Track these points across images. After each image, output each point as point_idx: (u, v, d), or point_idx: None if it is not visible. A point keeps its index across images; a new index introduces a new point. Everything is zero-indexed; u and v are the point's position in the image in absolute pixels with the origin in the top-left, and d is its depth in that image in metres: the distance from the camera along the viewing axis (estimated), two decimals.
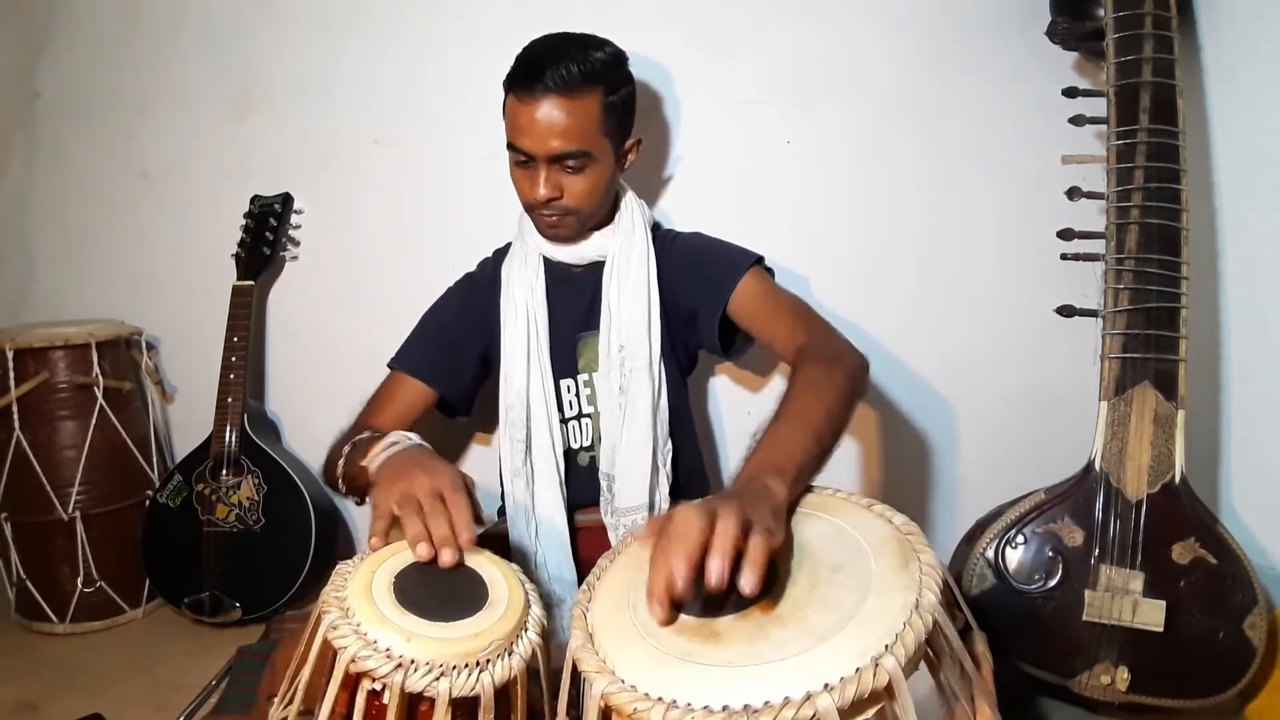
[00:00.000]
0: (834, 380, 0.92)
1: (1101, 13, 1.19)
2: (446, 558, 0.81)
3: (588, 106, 1.12)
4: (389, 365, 1.30)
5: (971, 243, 1.42)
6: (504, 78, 1.18)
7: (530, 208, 1.20)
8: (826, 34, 1.43)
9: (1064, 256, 1.22)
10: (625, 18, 1.45)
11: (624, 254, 1.23)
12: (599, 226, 1.24)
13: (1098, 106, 1.20)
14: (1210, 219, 1.29)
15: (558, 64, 1.10)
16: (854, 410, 0.93)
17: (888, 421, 1.48)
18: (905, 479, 1.49)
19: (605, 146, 1.16)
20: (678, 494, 1.23)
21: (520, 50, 1.18)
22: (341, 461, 1.08)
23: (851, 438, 1.50)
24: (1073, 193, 1.21)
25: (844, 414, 0.90)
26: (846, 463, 1.50)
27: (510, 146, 1.16)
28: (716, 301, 1.19)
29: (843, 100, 1.44)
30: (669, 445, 1.23)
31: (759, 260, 1.23)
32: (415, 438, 1.01)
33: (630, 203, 1.27)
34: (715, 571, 0.62)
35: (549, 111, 1.10)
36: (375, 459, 0.97)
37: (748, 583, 0.62)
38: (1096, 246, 1.19)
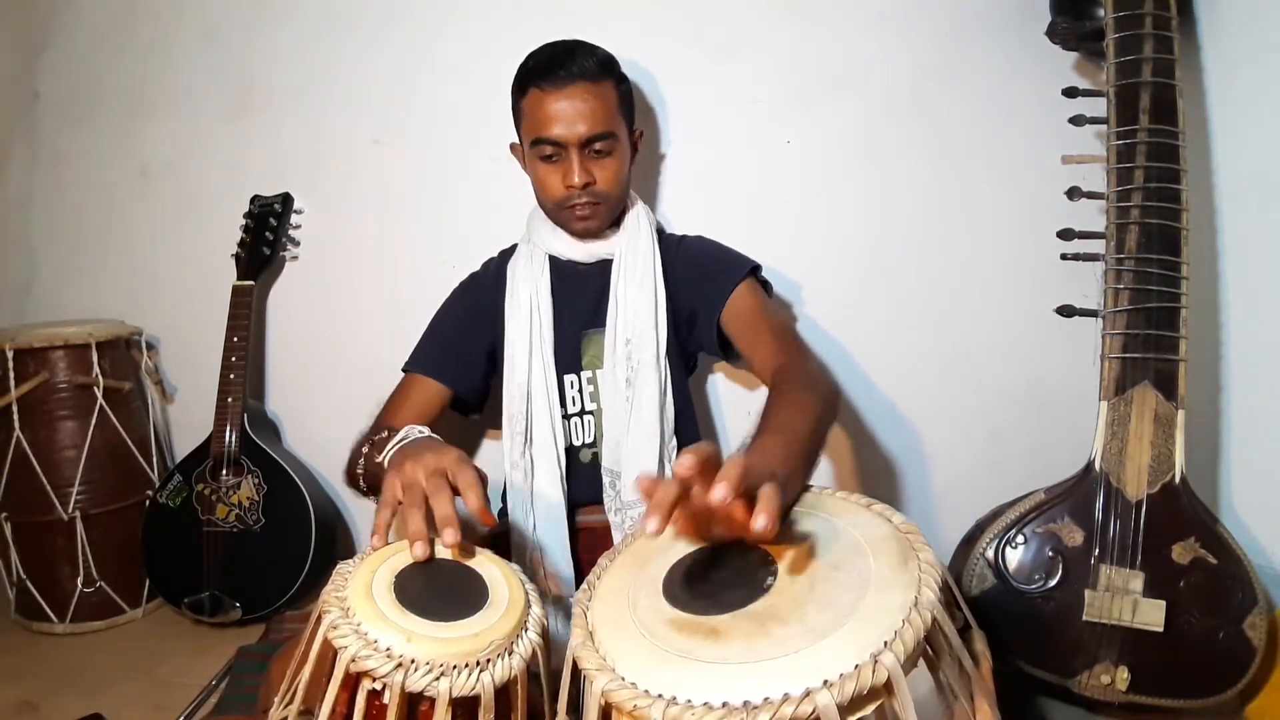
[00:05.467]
0: (814, 403, 0.94)
1: (1101, 13, 1.19)
2: (449, 538, 0.81)
3: (607, 91, 1.19)
4: (403, 369, 1.31)
5: (971, 242, 1.42)
6: (516, 80, 1.22)
7: (560, 204, 1.22)
8: (826, 34, 1.43)
9: (1064, 256, 1.22)
10: (625, 18, 1.46)
11: (631, 250, 1.26)
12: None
13: (1098, 106, 1.20)
14: (1210, 219, 1.29)
15: (575, 56, 1.17)
16: (828, 436, 0.94)
17: (887, 421, 1.48)
18: (905, 478, 1.49)
19: (624, 130, 1.23)
20: None
21: (525, 58, 1.22)
22: (361, 460, 1.09)
23: (852, 436, 1.50)
24: (1073, 193, 1.21)
25: (822, 437, 0.91)
26: (846, 462, 1.50)
27: (537, 142, 1.19)
28: (714, 306, 1.23)
29: (842, 100, 1.44)
30: (674, 441, 1.23)
31: (755, 269, 1.26)
32: (426, 430, 1.02)
33: (636, 204, 1.31)
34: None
35: (577, 96, 1.16)
36: (388, 453, 0.99)
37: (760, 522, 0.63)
38: (1096, 246, 1.19)
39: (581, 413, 1.29)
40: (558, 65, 1.16)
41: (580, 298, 1.29)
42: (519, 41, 1.25)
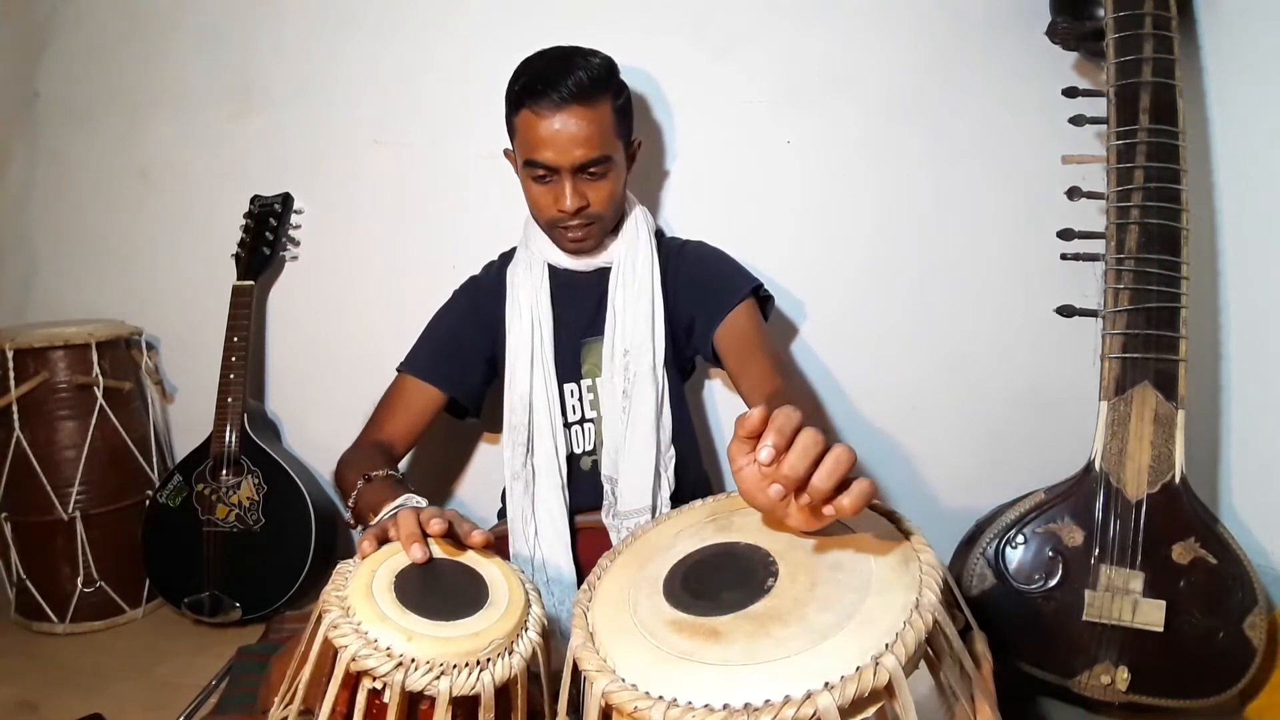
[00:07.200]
0: (821, 415, 0.92)
1: (1101, 13, 1.19)
2: (435, 528, 0.82)
3: (602, 112, 1.14)
4: (398, 369, 1.31)
5: (972, 242, 1.42)
6: (509, 95, 1.18)
7: (554, 224, 1.21)
8: (826, 34, 1.43)
9: (1064, 256, 1.22)
10: (624, 18, 1.46)
11: (629, 259, 1.24)
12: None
13: (1098, 106, 1.20)
14: (1210, 219, 1.29)
15: (568, 74, 1.11)
16: None
17: (886, 420, 1.48)
18: (905, 478, 1.49)
19: (620, 149, 1.19)
20: (679, 500, 1.22)
21: (518, 68, 1.19)
22: (354, 495, 1.06)
23: (850, 436, 1.49)
24: (1073, 193, 1.21)
25: None
26: None
27: (529, 164, 1.16)
28: (712, 320, 1.22)
29: (842, 100, 1.44)
30: (671, 450, 1.23)
31: (758, 288, 1.25)
32: (422, 501, 0.95)
33: (635, 209, 1.29)
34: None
35: (570, 121, 1.11)
36: (382, 517, 0.93)
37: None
38: (1096, 246, 1.19)
39: (582, 420, 1.29)
40: (550, 86, 1.10)
41: (579, 306, 1.28)
42: (521, 41, 1.24)
